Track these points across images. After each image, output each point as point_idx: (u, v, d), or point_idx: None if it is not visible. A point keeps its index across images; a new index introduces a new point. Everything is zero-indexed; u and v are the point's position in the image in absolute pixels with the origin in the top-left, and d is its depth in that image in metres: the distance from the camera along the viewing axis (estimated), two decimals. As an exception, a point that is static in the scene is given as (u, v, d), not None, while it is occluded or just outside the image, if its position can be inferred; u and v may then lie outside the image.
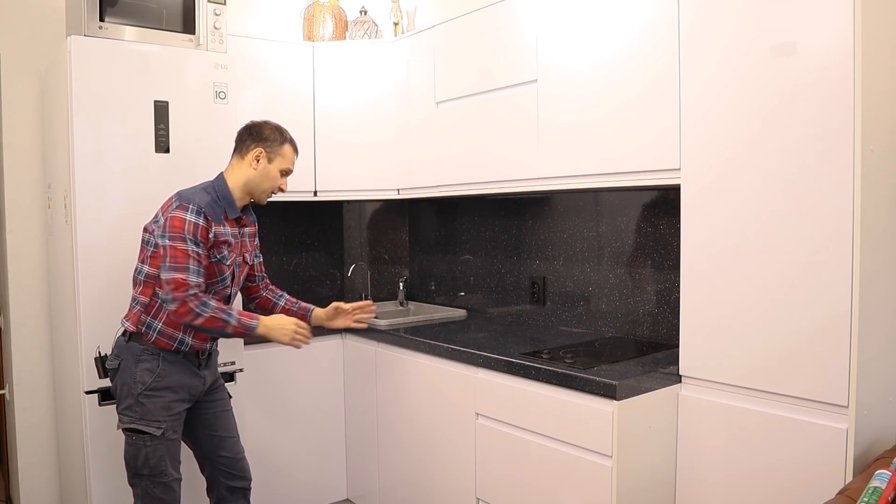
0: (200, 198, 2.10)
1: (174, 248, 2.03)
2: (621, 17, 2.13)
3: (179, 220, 2.05)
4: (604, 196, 2.62)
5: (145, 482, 2.10)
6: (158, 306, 2.10)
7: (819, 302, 1.66)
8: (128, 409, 2.09)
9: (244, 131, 2.25)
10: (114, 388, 2.15)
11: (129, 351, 2.11)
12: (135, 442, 2.08)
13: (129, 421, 2.08)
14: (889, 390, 1.75)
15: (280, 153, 2.22)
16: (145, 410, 2.08)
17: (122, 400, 2.11)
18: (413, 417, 2.62)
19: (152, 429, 2.08)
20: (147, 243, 2.12)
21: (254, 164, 2.20)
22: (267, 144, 2.20)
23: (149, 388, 2.08)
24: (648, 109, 2.06)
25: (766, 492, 1.78)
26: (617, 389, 1.86)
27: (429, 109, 2.91)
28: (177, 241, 2.03)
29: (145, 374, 2.09)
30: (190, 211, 2.06)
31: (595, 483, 1.92)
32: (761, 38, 1.74)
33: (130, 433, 2.09)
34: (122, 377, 2.11)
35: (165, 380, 2.11)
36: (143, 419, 2.07)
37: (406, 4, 3.45)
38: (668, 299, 2.41)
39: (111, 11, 2.42)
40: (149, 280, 2.11)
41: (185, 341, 2.14)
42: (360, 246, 3.75)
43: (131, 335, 2.12)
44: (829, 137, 1.63)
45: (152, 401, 2.08)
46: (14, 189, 2.82)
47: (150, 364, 2.10)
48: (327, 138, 3.15)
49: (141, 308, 2.11)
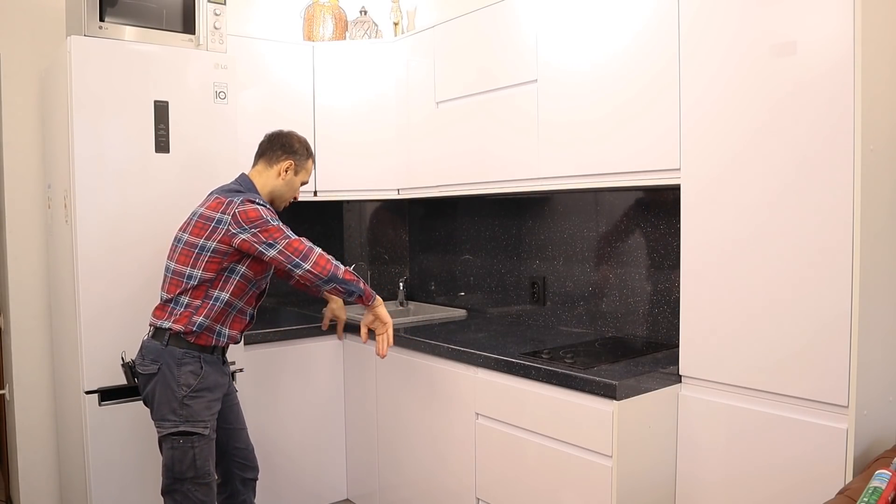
0: (259, 197, 2.18)
1: (273, 228, 2.09)
2: (621, 17, 2.13)
3: (253, 211, 2.09)
4: (604, 196, 2.62)
5: (187, 486, 2.09)
6: (210, 306, 2.13)
7: (819, 302, 1.66)
8: (171, 413, 2.08)
9: (275, 140, 2.30)
10: (149, 393, 2.12)
11: (169, 355, 2.10)
12: (182, 445, 2.07)
13: (174, 425, 2.07)
14: (889, 390, 1.75)
15: (305, 167, 2.34)
16: (191, 412, 2.09)
17: (163, 405, 2.09)
18: (413, 417, 2.62)
19: (199, 429, 2.10)
20: (198, 248, 2.11)
21: (283, 174, 2.28)
22: (296, 158, 2.30)
23: (193, 390, 2.10)
24: (648, 109, 2.06)
25: (766, 492, 1.78)
26: (617, 389, 1.86)
27: (429, 109, 2.91)
28: (267, 224, 2.08)
29: (189, 377, 2.10)
30: (256, 203, 2.12)
31: (595, 483, 1.92)
32: (761, 38, 1.74)
33: (177, 437, 2.07)
34: (163, 381, 2.09)
35: (206, 381, 2.13)
36: (189, 421, 2.08)
37: (406, 4, 3.45)
38: (668, 299, 2.41)
39: (111, 11, 2.42)
40: (203, 284, 2.12)
41: (223, 333, 2.18)
42: (360, 246, 3.75)
43: (170, 338, 2.11)
44: (829, 137, 1.63)
45: (197, 402, 2.10)
46: (14, 189, 2.82)
47: (192, 367, 2.11)
48: (327, 138, 3.15)
49: (191, 310, 2.11)
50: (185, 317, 2.11)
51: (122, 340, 2.43)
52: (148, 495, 2.49)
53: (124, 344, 2.43)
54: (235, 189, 2.21)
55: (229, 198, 2.14)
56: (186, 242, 2.13)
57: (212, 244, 2.10)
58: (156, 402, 2.10)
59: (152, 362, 2.11)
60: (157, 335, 2.13)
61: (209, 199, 2.19)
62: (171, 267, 2.17)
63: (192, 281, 2.12)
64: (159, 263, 2.49)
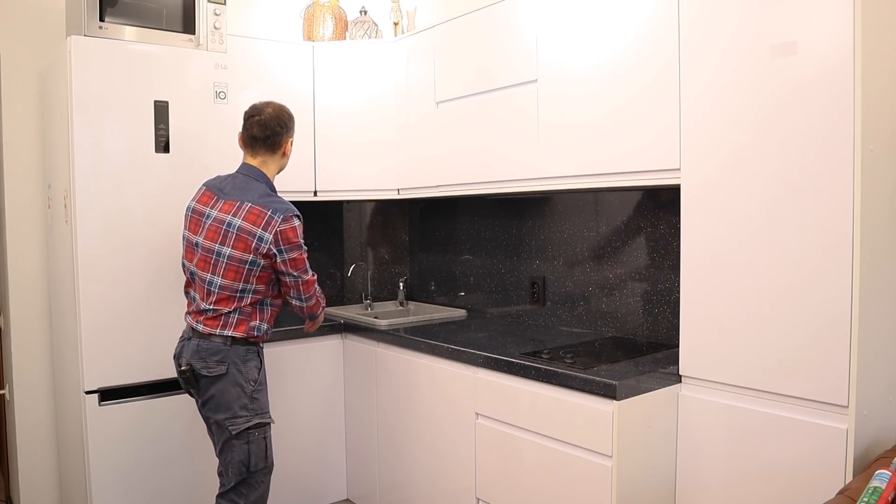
0: (289, 204, 2.20)
1: (294, 259, 2.18)
2: (621, 17, 2.13)
3: (291, 230, 2.16)
4: (604, 196, 2.62)
5: (260, 476, 2.18)
6: (261, 310, 2.22)
7: (819, 302, 1.66)
8: (242, 409, 2.14)
9: (269, 125, 2.24)
10: (215, 393, 2.14)
11: (235, 354, 2.15)
12: (258, 438, 2.15)
13: (247, 419, 2.14)
14: (889, 390, 1.75)
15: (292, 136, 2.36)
16: (259, 404, 2.18)
17: (233, 402, 2.13)
18: (413, 417, 2.62)
19: (267, 419, 2.21)
20: (249, 263, 2.15)
21: (287, 152, 2.33)
22: (292, 132, 2.34)
23: (258, 383, 2.19)
24: (648, 109, 2.05)
25: (766, 492, 1.78)
26: (617, 389, 1.86)
27: (429, 109, 2.91)
28: (295, 250, 2.18)
29: (254, 371, 2.18)
30: (294, 220, 2.17)
31: (595, 483, 1.92)
32: (761, 38, 1.74)
33: (252, 430, 2.14)
34: (232, 380, 2.14)
35: (263, 372, 2.24)
36: (259, 413, 2.17)
37: (406, 4, 3.45)
38: (668, 299, 2.41)
39: (111, 11, 2.42)
40: (256, 296, 2.19)
41: (267, 327, 2.26)
42: (360, 246, 3.75)
43: (233, 340, 2.16)
44: (829, 137, 1.63)
45: (261, 393, 2.21)
46: (14, 189, 2.82)
47: (255, 361, 2.20)
48: (327, 138, 3.15)
49: (245, 317, 2.18)
50: (242, 324, 2.17)
51: (122, 340, 2.43)
52: (148, 495, 2.49)
53: (124, 343, 2.44)
54: (262, 192, 2.21)
55: (270, 210, 2.15)
56: (231, 258, 2.14)
57: (260, 261, 2.15)
58: (225, 402, 2.13)
59: (218, 363, 2.14)
60: (216, 337, 2.16)
61: (241, 207, 2.17)
62: (215, 282, 2.15)
63: (247, 295, 2.18)
64: (159, 263, 2.50)
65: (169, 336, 2.43)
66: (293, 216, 2.18)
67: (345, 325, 2.99)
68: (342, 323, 3.00)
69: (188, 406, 2.50)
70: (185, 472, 2.55)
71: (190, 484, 2.57)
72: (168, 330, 2.46)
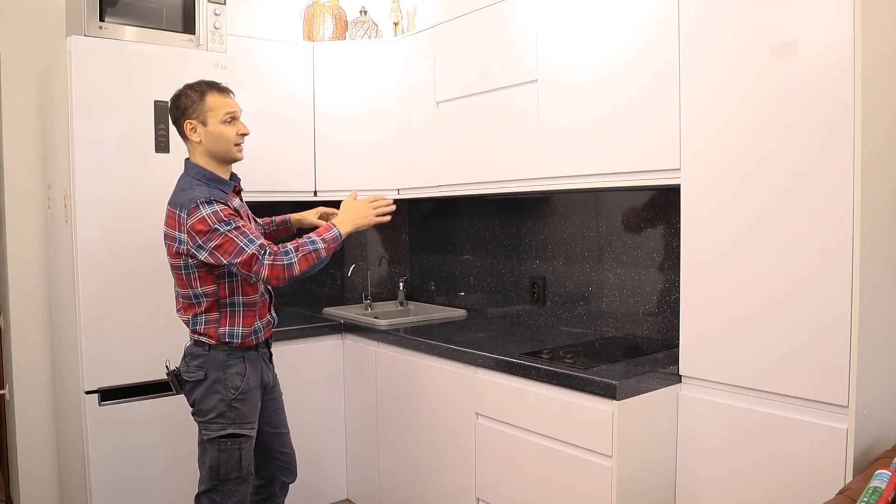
0: (198, 192, 1.98)
1: (217, 246, 1.94)
2: (621, 17, 2.13)
3: (199, 222, 1.93)
4: (604, 196, 2.62)
5: (229, 486, 2.08)
6: (230, 313, 2.08)
7: (819, 302, 1.66)
8: (219, 416, 2.06)
9: (173, 114, 2.09)
10: (197, 398, 2.09)
11: (214, 360, 2.07)
12: (229, 447, 2.06)
13: (221, 427, 2.06)
14: (889, 390, 1.75)
15: (205, 109, 2.04)
16: (239, 414, 2.07)
17: (211, 409, 2.06)
18: (413, 417, 2.62)
19: (247, 430, 2.09)
20: (183, 268, 2.03)
21: (194, 137, 2.06)
22: (189, 113, 2.04)
23: (241, 392, 2.08)
24: (648, 109, 2.05)
25: (766, 492, 1.78)
26: (617, 389, 1.86)
27: (429, 109, 2.91)
28: (212, 239, 1.93)
29: (236, 379, 2.08)
30: (200, 207, 1.94)
31: (595, 483, 1.92)
32: (761, 38, 1.74)
33: (224, 439, 2.06)
34: (210, 387, 2.07)
35: (252, 380, 2.11)
36: (237, 423, 2.07)
37: (406, 4, 3.45)
38: (668, 299, 2.41)
39: (111, 11, 2.42)
40: (210, 299, 2.06)
41: (258, 328, 2.14)
42: (360, 246, 3.75)
43: (212, 346, 2.08)
44: (829, 137, 1.63)
45: (244, 403, 2.09)
46: (14, 189, 2.82)
47: (238, 368, 2.09)
48: (327, 138, 3.15)
49: (212, 323, 2.07)
50: (212, 331, 2.07)
51: (122, 340, 2.43)
52: (148, 495, 2.49)
53: (124, 343, 2.44)
54: (179, 188, 2.05)
55: (177, 208, 1.99)
56: (171, 266, 2.07)
57: (189, 261, 2.01)
58: (203, 407, 2.08)
59: (198, 368, 2.08)
60: (196, 342, 2.10)
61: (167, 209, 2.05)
62: (175, 287, 2.12)
63: (201, 299, 2.06)
64: (159, 263, 2.50)
65: (168, 336, 2.43)
66: (197, 205, 1.94)
67: (345, 325, 2.99)
68: (342, 323, 3.00)
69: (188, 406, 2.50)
70: (185, 472, 2.54)
71: (190, 484, 2.56)
72: (167, 330, 2.46)
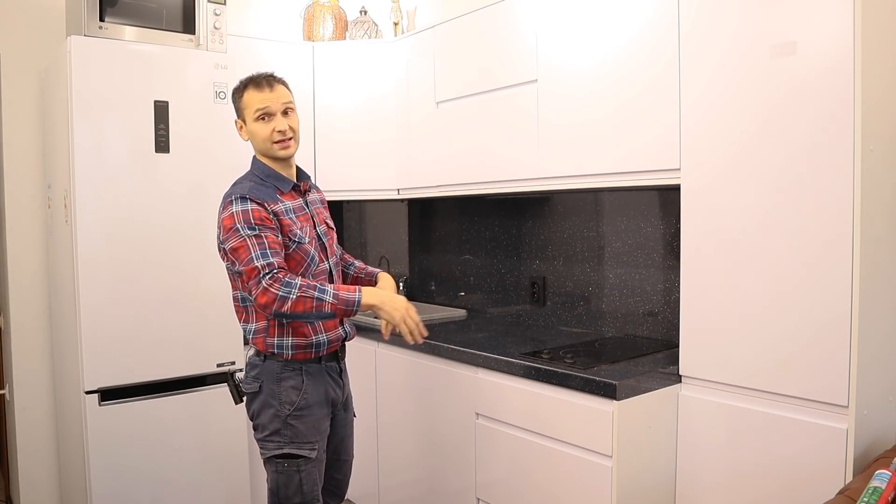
0: (241, 187, 1.90)
1: (233, 248, 1.81)
2: (621, 17, 2.13)
3: (227, 218, 1.83)
4: (604, 196, 2.62)
5: None
6: (279, 323, 1.90)
7: (819, 302, 1.66)
8: (274, 434, 1.89)
9: None
10: (254, 412, 1.94)
11: (269, 371, 1.91)
12: (286, 469, 1.88)
13: (278, 447, 1.88)
14: (889, 390, 1.75)
15: (243, 107, 1.96)
16: (296, 432, 1.89)
17: (267, 425, 1.90)
18: (413, 417, 2.62)
19: (305, 451, 1.89)
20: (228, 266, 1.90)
21: (243, 135, 2.00)
22: (237, 111, 2.00)
23: (297, 408, 1.89)
24: (648, 109, 2.05)
25: (766, 492, 1.77)
26: (617, 389, 1.86)
27: (429, 109, 2.91)
28: (231, 238, 1.81)
29: (291, 393, 1.90)
30: (234, 203, 1.84)
31: (595, 483, 1.92)
32: (761, 38, 1.74)
33: (281, 460, 1.88)
34: (264, 400, 1.91)
35: (312, 396, 1.93)
36: (295, 442, 1.89)
37: (406, 4, 3.45)
38: (668, 299, 2.41)
39: (111, 11, 2.42)
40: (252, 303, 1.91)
41: (322, 341, 1.94)
42: (360, 246, 3.75)
43: (267, 356, 1.92)
44: (829, 137, 1.63)
45: (302, 421, 1.90)
46: (14, 189, 2.82)
47: (294, 381, 1.91)
48: (327, 138, 3.15)
49: (263, 334, 1.91)
50: (259, 341, 1.92)
51: (122, 340, 2.43)
52: (148, 495, 2.49)
53: (124, 343, 2.43)
54: (233, 182, 1.98)
55: (222, 200, 1.91)
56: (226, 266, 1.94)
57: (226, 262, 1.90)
58: (260, 423, 1.93)
59: (254, 380, 1.93)
60: (257, 351, 1.95)
61: None
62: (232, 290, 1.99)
63: (248, 304, 1.92)
64: (159, 263, 2.50)
65: (169, 336, 2.43)
66: (231, 200, 1.85)
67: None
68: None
69: (188, 406, 2.51)
70: (186, 473, 2.55)
71: (190, 484, 2.56)
72: (168, 330, 2.46)
